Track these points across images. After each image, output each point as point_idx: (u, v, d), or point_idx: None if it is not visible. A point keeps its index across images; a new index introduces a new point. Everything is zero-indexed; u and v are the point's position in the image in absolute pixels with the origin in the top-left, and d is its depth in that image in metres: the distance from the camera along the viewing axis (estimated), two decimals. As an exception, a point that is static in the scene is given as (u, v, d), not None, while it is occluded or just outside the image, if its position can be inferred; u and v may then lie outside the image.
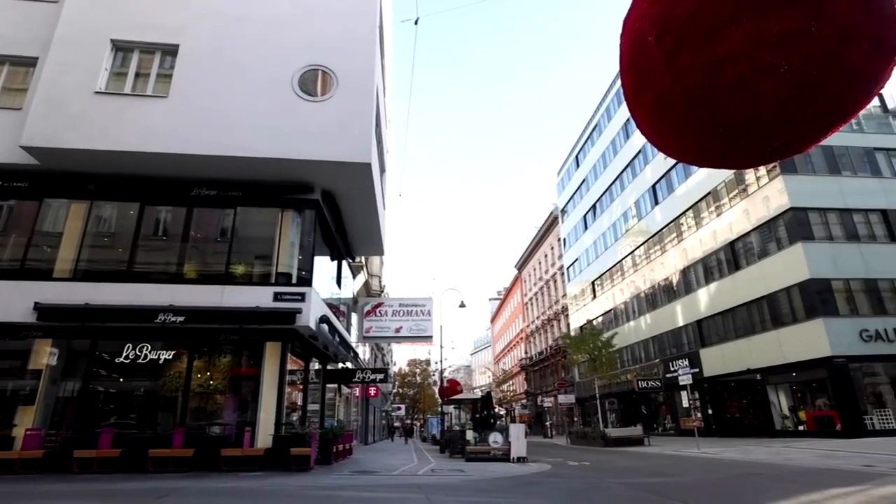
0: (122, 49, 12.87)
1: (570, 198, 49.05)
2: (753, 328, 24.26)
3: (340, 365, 19.57)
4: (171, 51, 12.83)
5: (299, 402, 13.95)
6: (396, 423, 60.31)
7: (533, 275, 58.70)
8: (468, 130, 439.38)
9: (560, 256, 49.83)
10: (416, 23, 13.15)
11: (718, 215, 27.14)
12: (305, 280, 12.70)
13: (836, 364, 19.85)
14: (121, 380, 12.06)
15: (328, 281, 16.46)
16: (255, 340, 12.16)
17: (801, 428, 21.91)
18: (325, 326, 13.25)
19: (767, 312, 23.53)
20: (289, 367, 12.55)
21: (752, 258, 24.72)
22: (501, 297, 78.36)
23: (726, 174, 26.03)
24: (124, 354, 11.63)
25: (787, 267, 22.23)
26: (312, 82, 12.92)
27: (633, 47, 2.26)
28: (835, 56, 1.85)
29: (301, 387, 14.23)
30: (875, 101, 24.28)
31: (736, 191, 25.92)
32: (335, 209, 15.08)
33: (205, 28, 12.98)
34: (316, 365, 16.53)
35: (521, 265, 63.41)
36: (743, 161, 2.43)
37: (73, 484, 8.81)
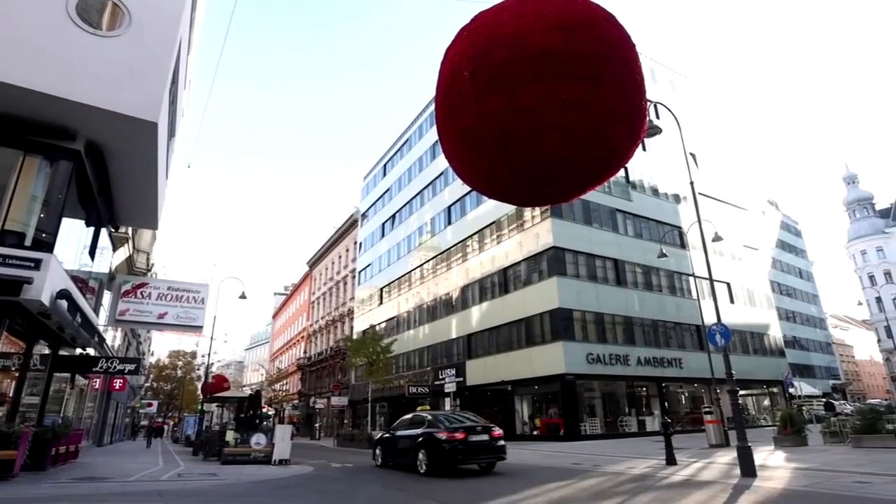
0: None
1: (373, 204, 50.03)
2: (511, 345, 27.93)
3: (79, 351, 16.33)
4: None
5: (11, 393, 11.18)
6: (145, 422, 52.93)
7: (324, 274, 57.85)
8: (284, 118, 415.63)
9: (354, 259, 50.20)
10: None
11: (498, 243, 30.74)
12: (45, 244, 10.29)
13: (567, 380, 24.02)
14: None
15: (79, 249, 13.67)
16: (-49, 312, 9.38)
17: (535, 433, 25.83)
18: (63, 303, 10.89)
19: (524, 333, 27.37)
20: (2, 349, 10.00)
21: (519, 284, 28.59)
22: (288, 292, 75.25)
23: (509, 208, 29.68)
24: None
25: (543, 296, 26.27)
26: (98, 11, 10.69)
27: (450, 78, 2.43)
28: (601, 128, 2.28)
29: (17, 374, 11.44)
30: (621, 172, 30.48)
31: (515, 224, 29.74)
32: (101, 166, 12.64)
33: None
34: (44, 349, 13.50)
35: (314, 263, 61.96)
36: (523, 199, 2.81)
37: None
